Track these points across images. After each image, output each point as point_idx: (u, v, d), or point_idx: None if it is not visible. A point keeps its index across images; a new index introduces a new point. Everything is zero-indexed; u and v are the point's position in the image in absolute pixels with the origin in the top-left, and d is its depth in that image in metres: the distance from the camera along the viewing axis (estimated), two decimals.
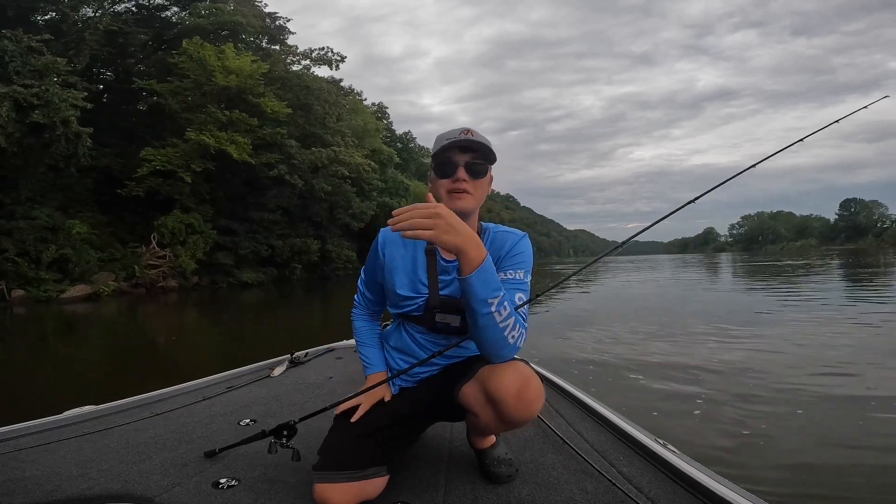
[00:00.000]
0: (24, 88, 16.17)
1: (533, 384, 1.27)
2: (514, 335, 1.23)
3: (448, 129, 1.44)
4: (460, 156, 1.38)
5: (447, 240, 1.12)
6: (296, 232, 29.15)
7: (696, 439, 3.05)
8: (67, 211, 20.54)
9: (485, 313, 1.17)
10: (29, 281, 17.32)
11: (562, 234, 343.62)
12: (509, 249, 1.42)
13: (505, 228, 1.49)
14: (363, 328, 1.63)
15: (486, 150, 1.38)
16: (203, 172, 23.44)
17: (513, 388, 1.24)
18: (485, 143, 1.37)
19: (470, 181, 1.37)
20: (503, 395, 1.25)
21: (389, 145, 43.90)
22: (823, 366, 4.75)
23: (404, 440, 1.49)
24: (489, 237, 1.45)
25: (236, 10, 28.05)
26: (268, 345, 7.78)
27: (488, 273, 1.17)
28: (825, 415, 3.45)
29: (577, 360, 5.39)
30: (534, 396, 1.26)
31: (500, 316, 1.19)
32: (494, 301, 1.17)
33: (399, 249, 1.47)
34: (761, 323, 7.67)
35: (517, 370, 1.27)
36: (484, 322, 1.19)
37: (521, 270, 1.39)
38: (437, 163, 1.40)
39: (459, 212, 1.35)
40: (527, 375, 1.27)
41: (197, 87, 24.33)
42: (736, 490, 1.28)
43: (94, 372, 6.24)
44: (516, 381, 1.25)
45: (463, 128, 1.40)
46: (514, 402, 1.25)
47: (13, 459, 1.62)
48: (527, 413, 1.27)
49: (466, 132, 1.38)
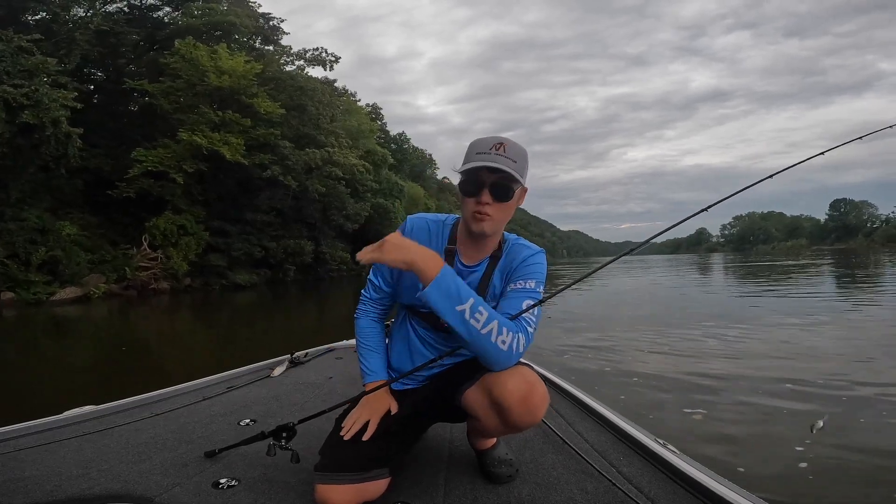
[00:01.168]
0: (13, 88, 15.97)
1: (538, 390, 1.26)
2: (503, 339, 1.20)
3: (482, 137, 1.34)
4: (487, 175, 1.28)
5: (393, 257, 1.17)
6: (289, 233, 28.98)
7: (696, 439, 3.07)
8: (57, 212, 20.29)
9: (458, 322, 1.17)
10: (18, 283, 17.13)
11: (555, 234, 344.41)
12: (522, 261, 1.39)
13: (525, 243, 1.46)
14: (367, 329, 1.55)
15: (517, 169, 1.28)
16: (195, 173, 23.25)
17: (517, 394, 1.23)
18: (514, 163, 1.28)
19: (494, 204, 1.30)
20: (508, 402, 1.24)
21: (383, 146, 43.75)
22: (824, 366, 4.77)
23: (407, 441, 1.48)
24: (507, 247, 1.44)
25: (229, 11, 27.85)
26: (264, 346, 7.75)
27: (447, 281, 1.17)
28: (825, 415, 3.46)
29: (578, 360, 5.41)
30: (539, 402, 1.26)
31: (478, 322, 1.17)
32: (465, 307, 1.16)
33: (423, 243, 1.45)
34: (760, 323, 7.71)
35: (522, 376, 1.26)
36: (461, 330, 1.18)
37: (531, 280, 1.36)
38: (463, 180, 1.32)
39: (480, 234, 1.34)
40: (532, 381, 1.26)
41: (189, 88, 24.12)
42: (736, 490, 1.29)
43: (92, 373, 6.20)
44: (521, 388, 1.24)
45: (497, 140, 1.29)
46: (519, 408, 1.24)
47: (13, 459, 1.61)
48: (531, 419, 1.27)
49: (499, 146, 1.28)
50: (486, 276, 1.41)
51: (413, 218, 1.50)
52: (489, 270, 1.42)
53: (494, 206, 1.30)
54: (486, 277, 1.41)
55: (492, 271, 1.42)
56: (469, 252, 1.43)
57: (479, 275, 1.42)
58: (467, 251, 1.43)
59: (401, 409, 1.45)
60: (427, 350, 1.47)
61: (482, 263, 1.42)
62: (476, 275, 1.42)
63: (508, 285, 1.37)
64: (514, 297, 1.33)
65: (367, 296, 1.56)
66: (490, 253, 1.43)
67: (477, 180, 1.29)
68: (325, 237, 31.73)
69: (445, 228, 1.46)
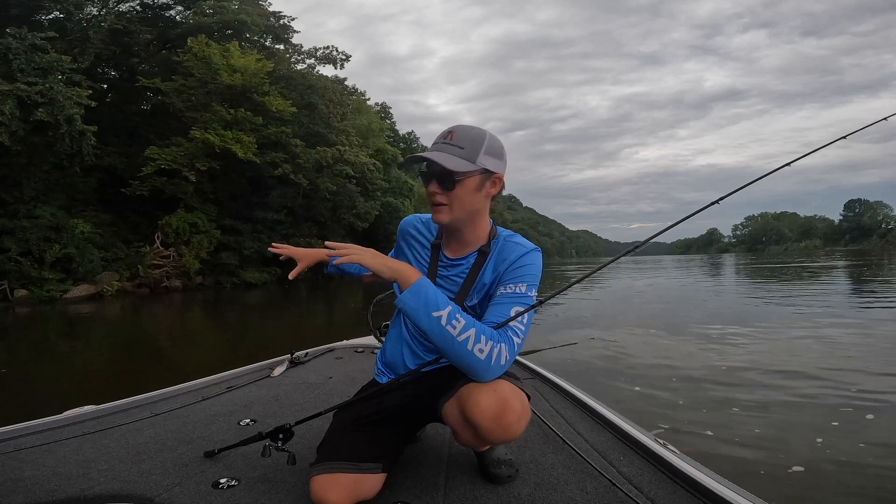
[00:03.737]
0: (28, 86, 16.20)
1: (513, 407, 1.19)
2: (480, 348, 1.15)
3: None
4: (434, 165, 1.27)
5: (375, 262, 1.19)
6: (300, 232, 29.18)
7: (697, 439, 3.05)
8: (71, 210, 20.62)
9: (433, 327, 1.14)
10: (32, 281, 17.39)
11: (564, 234, 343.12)
12: (514, 261, 1.32)
13: (517, 239, 1.39)
14: None
15: (465, 155, 1.26)
16: (207, 171, 23.50)
17: (488, 413, 1.18)
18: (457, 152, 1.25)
19: (443, 193, 1.28)
20: (478, 420, 1.19)
21: (393, 145, 43.89)
22: (825, 367, 4.73)
23: (400, 437, 1.47)
24: (499, 245, 1.39)
25: (241, 9, 28.07)
26: (269, 344, 7.81)
27: (424, 290, 1.17)
28: (826, 415, 3.43)
29: (578, 361, 5.39)
30: (512, 421, 1.19)
31: (455, 329, 1.13)
32: (442, 314, 1.14)
33: (412, 240, 1.49)
34: (763, 324, 7.63)
35: (495, 392, 1.19)
36: (436, 336, 1.15)
37: (522, 284, 1.29)
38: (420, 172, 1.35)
39: (438, 223, 1.35)
40: (506, 398, 1.19)
41: (202, 86, 24.35)
42: (736, 490, 1.27)
43: (94, 372, 6.27)
44: (493, 406, 1.18)
45: (449, 129, 1.30)
46: (490, 426, 1.19)
47: (13, 459, 1.61)
48: (506, 436, 1.22)
49: (448, 136, 1.29)
50: (474, 271, 1.38)
51: (405, 219, 1.55)
52: (477, 265, 1.38)
53: (444, 196, 1.29)
54: (474, 272, 1.38)
55: (480, 267, 1.37)
56: (453, 246, 1.42)
57: (463, 269, 1.39)
58: (451, 245, 1.43)
59: (391, 401, 1.45)
60: (420, 349, 1.46)
61: (469, 257, 1.40)
62: (461, 268, 1.39)
63: (499, 288, 1.32)
64: (502, 302, 1.28)
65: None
66: (478, 247, 1.40)
67: (427, 172, 1.29)
68: (335, 236, 31.83)
69: (433, 225, 1.47)
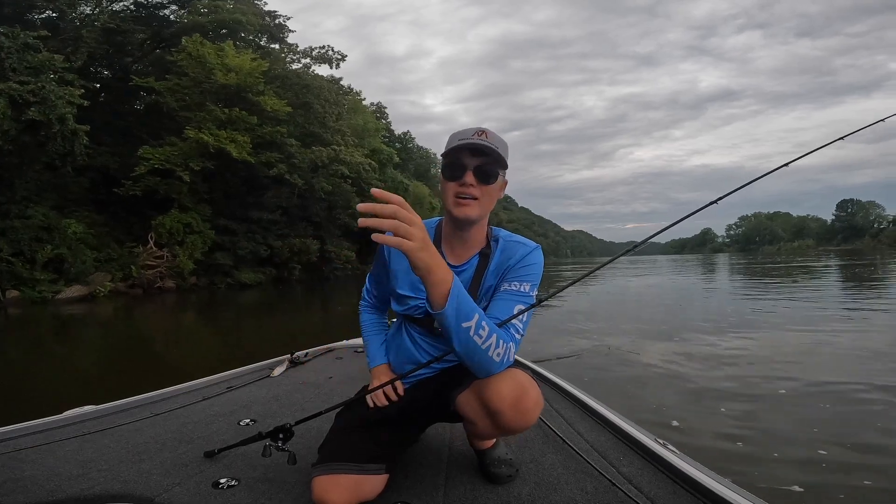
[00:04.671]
0: (20, 85, 16.01)
1: (530, 394, 1.23)
2: (499, 352, 1.17)
3: (462, 129, 1.34)
4: (470, 158, 1.28)
5: (422, 257, 1.01)
6: (295, 232, 29.09)
7: (697, 439, 3.06)
8: (63, 210, 20.40)
9: (463, 340, 1.11)
10: (24, 281, 17.21)
11: (559, 234, 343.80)
12: (518, 260, 1.34)
13: (518, 238, 1.41)
14: (367, 320, 1.63)
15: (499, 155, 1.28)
16: (201, 171, 23.31)
17: (509, 399, 1.21)
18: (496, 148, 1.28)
19: (478, 186, 1.28)
20: (499, 406, 1.22)
21: (388, 145, 43.85)
22: (825, 366, 4.75)
23: (401, 438, 1.47)
24: (500, 245, 1.39)
25: (236, 9, 27.94)
26: (267, 345, 7.77)
27: (461, 299, 1.08)
28: (826, 415, 3.44)
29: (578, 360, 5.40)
30: (531, 406, 1.23)
31: (481, 338, 1.12)
32: (471, 324, 1.10)
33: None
34: (761, 324, 7.68)
35: (514, 380, 1.23)
36: (464, 348, 1.13)
37: (526, 283, 1.32)
38: (445, 164, 1.31)
39: (464, 219, 1.31)
40: (524, 385, 1.23)
41: (196, 85, 24.21)
42: (736, 490, 1.29)
43: (93, 372, 6.22)
44: (513, 392, 1.22)
45: (478, 128, 1.30)
46: (510, 413, 1.22)
47: (13, 459, 1.61)
48: (524, 422, 1.25)
49: (481, 133, 1.29)
50: (478, 276, 1.37)
51: None
52: (480, 269, 1.38)
53: (479, 189, 1.29)
54: (478, 277, 1.37)
55: (483, 270, 1.37)
56: (456, 251, 1.40)
57: (468, 274, 1.38)
58: (454, 250, 1.40)
59: (394, 405, 1.45)
60: (422, 354, 1.45)
61: (471, 262, 1.39)
62: (465, 274, 1.38)
63: (502, 284, 1.33)
64: (505, 298, 1.29)
65: (365, 295, 1.64)
66: (478, 250, 1.39)
67: (460, 163, 1.29)
68: (331, 236, 31.81)
69: (430, 230, 1.44)
